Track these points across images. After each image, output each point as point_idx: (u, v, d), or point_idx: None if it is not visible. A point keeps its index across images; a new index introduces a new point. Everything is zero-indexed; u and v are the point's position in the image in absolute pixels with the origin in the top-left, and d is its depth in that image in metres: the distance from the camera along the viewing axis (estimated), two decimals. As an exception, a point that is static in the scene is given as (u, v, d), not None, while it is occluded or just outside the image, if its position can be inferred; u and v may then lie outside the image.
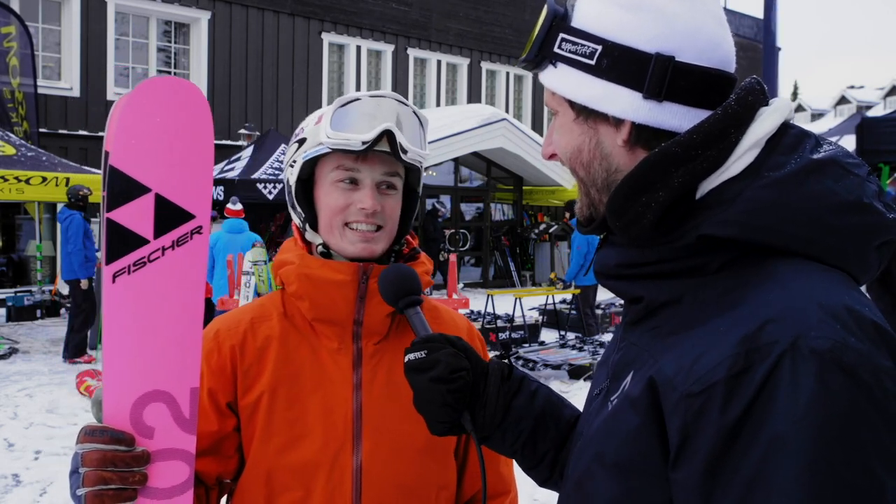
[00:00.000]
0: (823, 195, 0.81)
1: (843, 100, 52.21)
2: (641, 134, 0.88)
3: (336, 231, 1.33)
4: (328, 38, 17.99)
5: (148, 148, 0.99)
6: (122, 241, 1.00)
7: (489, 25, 20.58)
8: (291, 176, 1.36)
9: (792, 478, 0.69)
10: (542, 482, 1.18)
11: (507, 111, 19.86)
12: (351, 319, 1.33)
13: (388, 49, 19.08)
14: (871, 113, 30.29)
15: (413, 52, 19.54)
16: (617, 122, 0.89)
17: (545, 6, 0.95)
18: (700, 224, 0.83)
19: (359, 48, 18.60)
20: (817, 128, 42.02)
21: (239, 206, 9.42)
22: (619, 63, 0.87)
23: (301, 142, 1.34)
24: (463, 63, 20.46)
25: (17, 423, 6.38)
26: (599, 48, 0.88)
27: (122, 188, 0.99)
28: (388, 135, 1.27)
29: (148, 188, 0.99)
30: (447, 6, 19.74)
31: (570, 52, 0.91)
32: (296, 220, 1.40)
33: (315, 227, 1.36)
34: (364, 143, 1.26)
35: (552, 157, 1.00)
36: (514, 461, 1.45)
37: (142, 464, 1.04)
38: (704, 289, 0.83)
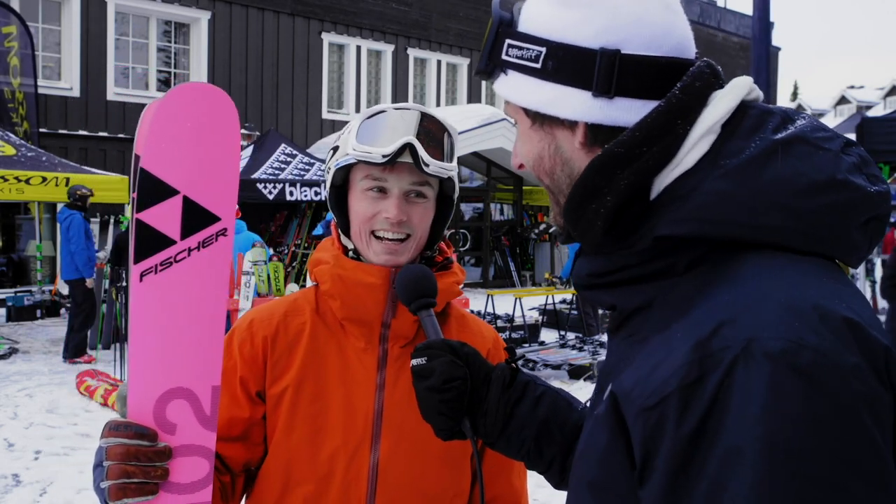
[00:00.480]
0: (788, 178, 0.75)
1: (843, 100, 52.22)
2: (598, 134, 0.84)
3: (364, 239, 1.35)
4: (328, 38, 17.99)
5: (177, 151, 1.02)
6: (150, 241, 1.03)
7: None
8: (327, 182, 1.40)
9: (746, 492, 0.64)
10: (556, 485, 1.17)
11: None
12: (379, 321, 1.36)
13: (388, 49, 19.08)
14: (871, 113, 30.31)
15: (413, 52, 19.54)
16: (571, 125, 0.85)
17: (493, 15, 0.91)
18: (655, 225, 0.78)
19: (359, 48, 18.60)
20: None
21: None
22: (564, 63, 0.83)
23: (335, 150, 1.38)
24: (463, 63, 20.46)
25: (17, 423, 6.38)
26: (544, 50, 0.84)
27: (152, 190, 1.02)
28: (410, 147, 1.28)
29: (176, 190, 1.03)
30: (447, 6, 19.74)
31: (516, 57, 0.87)
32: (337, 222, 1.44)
33: (347, 233, 1.39)
34: (384, 156, 1.28)
35: (521, 167, 0.97)
36: (527, 472, 1.46)
37: (164, 459, 1.06)
38: (673, 290, 0.78)
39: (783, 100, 60.46)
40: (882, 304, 12.34)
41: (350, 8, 18.16)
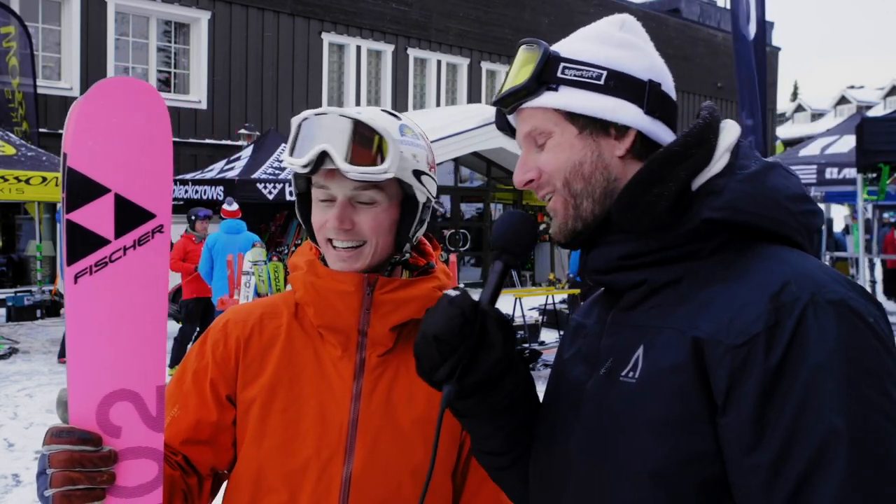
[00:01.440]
0: (781, 188, 1.01)
1: (843, 100, 52.16)
2: (642, 144, 1.06)
3: (323, 246, 1.33)
4: (328, 38, 17.99)
5: (105, 148, 1.00)
6: (83, 242, 1.01)
7: (489, 25, 20.58)
8: (295, 190, 1.38)
9: (836, 398, 0.84)
10: (498, 463, 1.18)
11: (507, 111, 19.83)
12: (356, 329, 1.32)
13: (388, 49, 19.08)
14: (871, 113, 30.27)
15: (413, 52, 19.54)
16: (620, 135, 1.05)
17: (535, 49, 1.08)
18: (701, 210, 0.99)
19: (359, 48, 18.60)
20: (817, 128, 41.98)
21: (235, 207, 9.40)
22: (622, 84, 1.05)
23: None
24: (463, 63, 20.46)
25: (17, 423, 6.39)
26: (605, 72, 1.05)
27: (81, 189, 0.99)
28: (326, 154, 1.23)
29: (107, 188, 1.00)
30: (447, 6, 19.74)
31: (575, 75, 1.06)
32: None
33: (315, 240, 1.36)
34: (304, 166, 1.24)
35: (529, 183, 1.09)
36: None
37: (109, 463, 1.04)
38: (701, 269, 0.99)
39: (783, 100, 60.38)
40: (882, 303, 12.33)
41: (350, 8, 18.16)
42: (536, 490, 1.12)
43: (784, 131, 43.43)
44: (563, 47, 1.09)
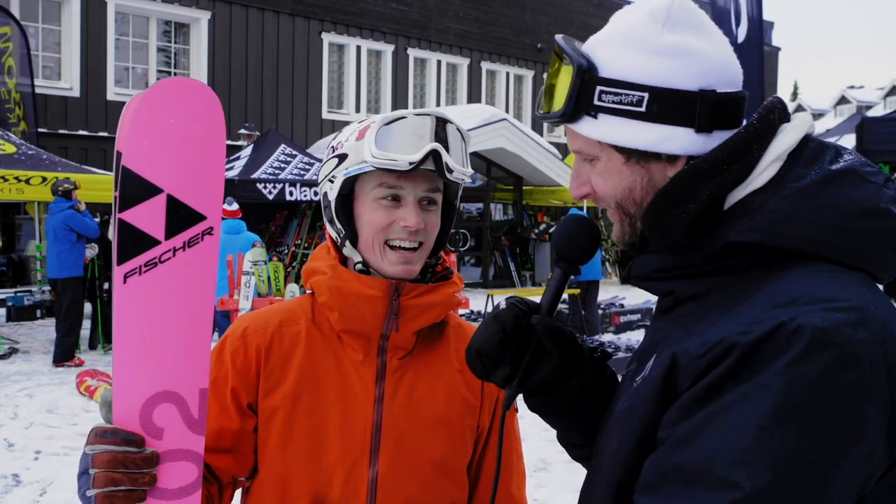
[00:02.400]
0: (841, 203, 0.88)
1: (843, 100, 52.19)
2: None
3: (377, 249, 1.31)
4: (328, 38, 17.99)
5: (160, 148, 0.98)
6: (134, 242, 1.00)
7: (489, 25, 20.58)
8: (331, 192, 1.32)
9: (752, 418, 0.78)
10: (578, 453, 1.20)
11: (507, 111, 19.85)
12: (378, 333, 1.32)
13: (388, 49, 19.08)
14: (871, 113, 30.28)
15: (413, 52, 19.54)
16: (671, 159, 0.96)
17: (568, 61, 0.98)
18: (727, 233, 0.91)
19: (359, 48, 18.60)
20: (817, 128, 41.89)
21: (235, 207, 9.40)
22: (668, 105, 0.94)
23: (341, 157, 1.31)
24: (463, 63, 20.46)
25: (17, 423, 6.38)
26: (646, 95, 0.94)
27: (135, 189, 0.98)
28: (433, 154, 1.25)
29: (160, 189, 0.99)
30: (447, 6, 19.74)
31: (613, 102, 0.96)
32: (333, 234, 1.37)
33: (355, 244, 1.33)
34: (411, 163, 1.23)
35: (586, 196, 1.05)
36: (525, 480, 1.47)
37: (152, 465, 1.04)
38: (729, 286, 0.92)
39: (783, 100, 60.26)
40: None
41: (350, 8, 18.16)
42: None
43: (784, 131, 43.29)
44: (601, 55, 0.97)
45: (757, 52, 8.16)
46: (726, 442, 0.79)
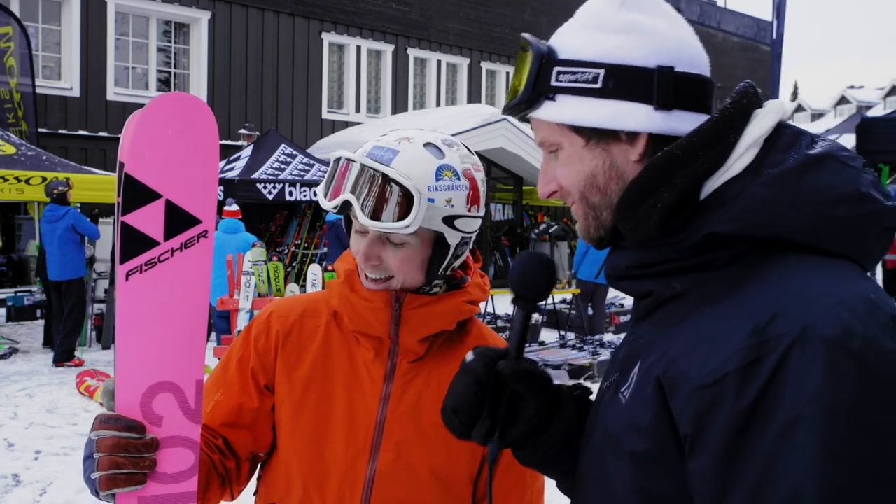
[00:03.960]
0: (822, 188, 0.85)
1: (843, 100, 52.18)
2: (657, 145, 0.93)
3: (359, 271, 1.36)
4: (328, 38, 17.99)
5: (159, 157, 1.08)
6: (135, 243, 1.09)
7: (489, 25, 20.58)
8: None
9: (808, 457, 0.72)
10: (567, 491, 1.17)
11: (506, 111, 19.81)
12: (388, 336, 1.36)
13: (388, 49, 19.08)
14: (871, 113, 30.27)
15: (413, 52, 19.54)
16: (631, 139, 0.94)
17: (529, 49, 0.98)
18: (706, 223, 0.87)
19: (359, 48, 18.60)
20: (817, 128, 41.96)
21: (235, 207, 9.51)
22: (624, 81, 0.92)
23: None
24: (463, 63, 20.46)
25: (17, 423, 6.38)
26: (602, 71, 0.93)
27: (136, 194, 1.08)
28: (348, 204, 1.26)
29: (159, 194, 1.09)
30: (447, 6, 19.74)
31: (570, 81, 0.95)
32: None
33: None
34: (333, 208, 1.27)
35: (553, 194, 1.02)
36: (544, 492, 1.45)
37: (152, 450, 1.11)
38: (710, 282, 0.87)
39: (783, 100, 60.29)
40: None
41: (350, 8, 18.15)
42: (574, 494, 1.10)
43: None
44: (560, 40, 0.98)
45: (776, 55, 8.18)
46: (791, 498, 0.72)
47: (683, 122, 0.92)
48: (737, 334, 0.79)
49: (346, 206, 1.27)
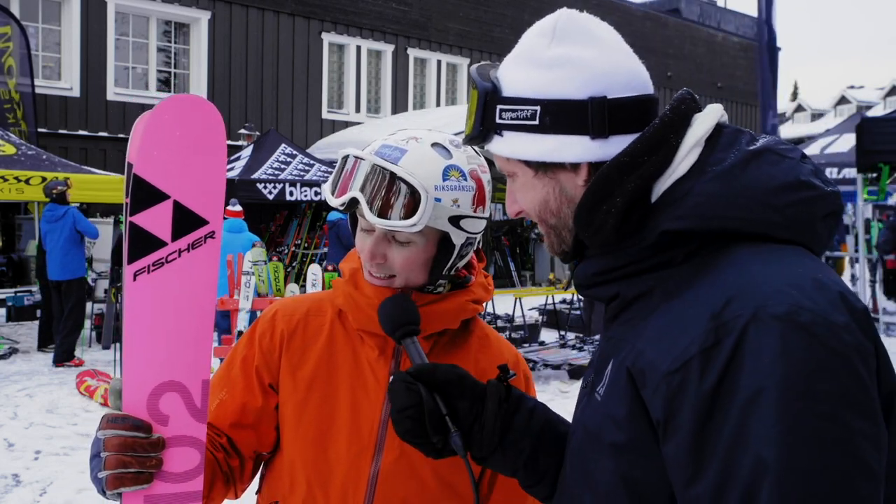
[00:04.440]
0: (763, 179, 0.91)
1: (843, 100, 52.17)
2: (598, 169, 0.97)
3: (364, 270, 1.37)
4: (328, 38, 17.99)
5: (168, 158, 1.09)
6: (143, 243, 1.10)
7: (489, 25, 20.59)
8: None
9: (767, 426, 0.77)
10: (545, 499, 1.20)
11: (506, 111, 19.82)
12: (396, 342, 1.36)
13: (388, 49, 19.09)
14: (871, 113, 30.29)
15: (413, 52, 19.55)
16: (574, 167, 0.99)
17: (476, 86, 1.03)
18: (659, 222, 0.92)
19: (359, 48, 18.60)
20: (817, 128, 41.96)
21: (238, 208, 9.57)
22: (559, 116, 0.97)
23: None
24: (463, 63, 20.47)
25: (17, 423, 6.38)
26: (538, 108, 0.98)
27: (144, 195, 1.09)
28: (355, 201, 1.27)
29: (167, 195, 1.09)
30: (447, 6, 19.75)
31: (511, 119, 1.00)
32: None
33: None
34: (342, 204, 1.28)
35: (519, 213, 1.09)
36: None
37: (158, 450, 1.12)
38: (671, 279, 0.93)
39: (783, 100, 60.39)
40: (882, 303, 12.32)
41: (350, 8, 18.16)
42: (554, 498, 1.14)
43: (784, 131, 43.45)
44: (502, 74, 1.03)
45: (768, 54, 8.16)
46: (754, 460, 0.77)
47: (622, 146, 0.96)
48: (696, 321, 0.84)
49: (353, 203, 1.27)
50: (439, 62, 20.10)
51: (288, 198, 12.72)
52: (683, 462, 0.82)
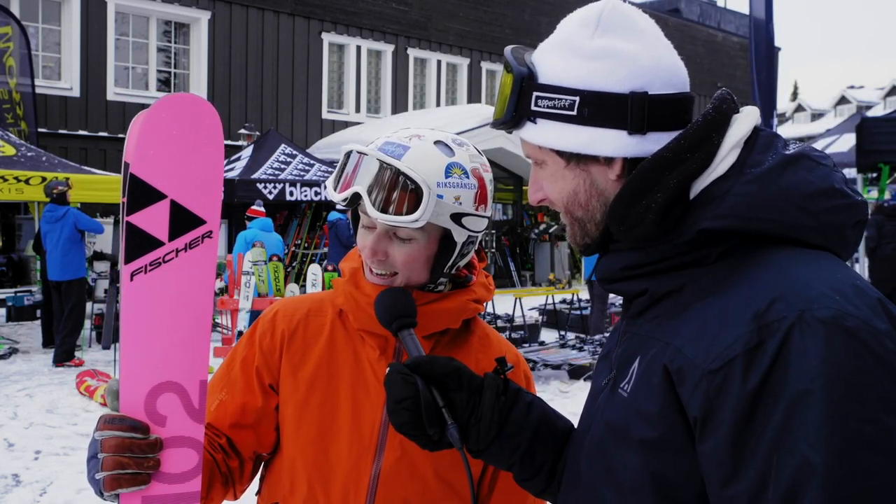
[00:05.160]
0: (801, 184, 0.91)
1: (843, 100, 52.19)
2: (633, 166, 0.97)
3: (365, 268, 1.37)
4: (328, 38, 17.99)
5: (164, 158, 1.08)
6: (139, 243, 1.09)
7: (489, 25, 20.59)
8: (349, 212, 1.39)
9: (815, 429, 0.77)
10: (539, 493, 1.21)
11: (506, 111, 19.81)
12: (393, 335, 1.35)
13: (388, 49, 19.09)
14: (871, 113, 30.28)
15: (413, 52, 19.55)
16: (608, 161, 0.98)
17: (511, 71, 1.01)
18: (698, 220, 0.92)
19: (359, 48, 18.60)
20: (817, 128, 41.98)
21: (263, 208, 10.10)
22: (599, 108, 0.96)
23: None
24: (463, 63, 20.47)
25: (17, 423, 6.38)
26: (577, 99, 0.97)
27: (141, 194, 1.08)
28: (358, 197, 1.26)
29: (164, 195, 1.08)
30: (447, 6, 19.75)
31: (548, 107, 0.99)
32: None
33: None
34: (342, 201, 1.28)
35: (542, 201, 1.08)
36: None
37: (155, 450, 1.11)
38: (704, 277, 0.92)
39: (783, 100, 60.42)
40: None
41: (350, 8, 18.16)
42: (560, 494, 1.14)
43: (784, 131, 43.45)
44: (540, 60, 1.01)
45: (765, 53, 8.16)
46: (802, 467, 0.77)
47: (658, 143, 0.96)
48: (738, 320, 0.84)
49: (355, 199, 1.27)
50: (439, 62, 20.10)
51: (288, 198, 12.72)
52: (721, 461, 0.82)
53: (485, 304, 1.45)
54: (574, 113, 0.97)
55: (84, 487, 4.87)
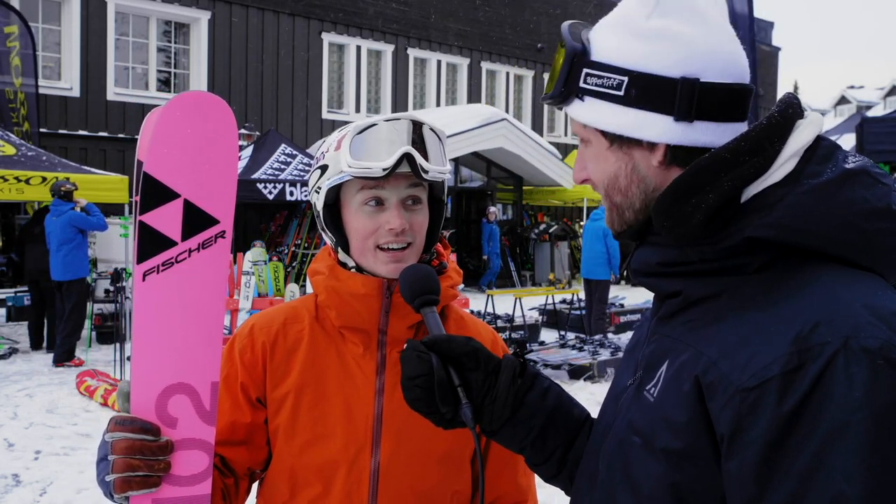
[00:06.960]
0: (857, 202, 0.87)
1: (843, 100, 52.17)
2: (676, 153, 0.94)
3: (368, 254, 1.36)
4: (328, 38, 17.99)
5: (178, 156, 1.06)
6: (152, 242, 1.08)
7: (489, 25, 20.58)
8: (318, 202, 1.38)
9: (853, 462, 0.74)
10: (549, 478, 1.21)
11: (507, 111, 19.86)
12: (376, 328, 1.38)
13: (388, 49, 19.08)
14: (871, 113, 30.26)
15: (413, 52, 19.54)
16: (651, 146, 0.95)
17: (564, 45, 0.99)
18: (746, 226, 0.88)
19: (359, 48, 18.60)
20: (817, 128, 41.79)
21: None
22: (647, 91, 0.93)
23: (323, 168, 1.36)
24: (463, 63, 20.46)
25: (17, 423, 6.38)
26: (626, 79, 0.94)
27: (155, 194, 1.06)
28: (408, 157, 1.29)
29: (178, 194, 1.07)
30: (447, 6, 19.74)
31: (596, 85, 0.96)
32: (328, 241, 1.44)
33: (347, 250, 1.39)
34: (385, 169, 1.28)
35: (585, 181, 1.06)
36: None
37: (166, 453, 1.11)
38: (744, 286, 0.89)
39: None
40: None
41: (350, 8, 18.15)
42: (574, 489, 1.13)
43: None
44: (595, 38, 0.98)
45: (749, 52, 8.15)
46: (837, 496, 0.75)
47: (706, 134, 0.93)
48: (779, 340, 0.81)
49: (399, 162, 1.28)
50: (439, 62, 20.09)
51: (288, 198, 12.72)
52: (746, 481, 0.80)
53: (458, 290, 1.49)
54: (621, 93, 0.94)
55: (84, 487, 4.87)
